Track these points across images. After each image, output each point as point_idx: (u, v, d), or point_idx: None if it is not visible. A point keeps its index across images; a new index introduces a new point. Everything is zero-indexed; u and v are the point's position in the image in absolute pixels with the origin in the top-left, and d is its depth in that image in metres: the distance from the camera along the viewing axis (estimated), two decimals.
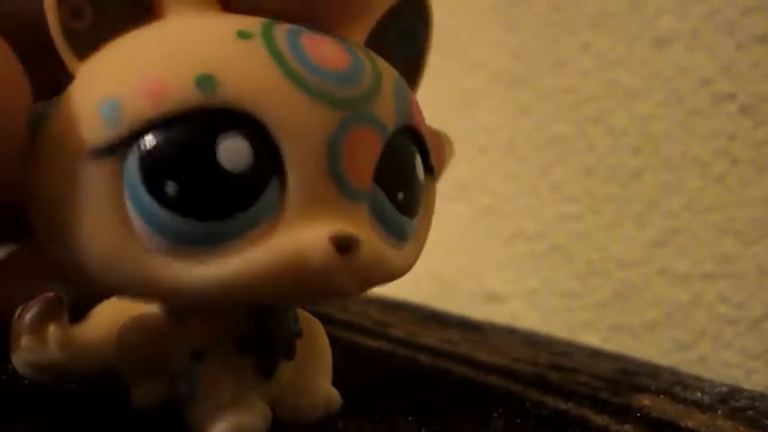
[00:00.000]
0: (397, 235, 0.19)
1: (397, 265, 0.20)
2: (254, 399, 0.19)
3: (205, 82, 0.16)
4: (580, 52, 0.45)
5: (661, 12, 0.41)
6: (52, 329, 0.24)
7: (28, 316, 0.24)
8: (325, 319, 0.23)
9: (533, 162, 0.47)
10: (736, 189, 0.39)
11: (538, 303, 0.47)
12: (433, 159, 0.21)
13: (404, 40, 0.22)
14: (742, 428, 0.22)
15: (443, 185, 0.22)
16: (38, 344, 0.24)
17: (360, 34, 0.20)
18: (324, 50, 0.18)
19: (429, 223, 0.21)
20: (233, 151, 0.16)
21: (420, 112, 0.20)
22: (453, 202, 0.50)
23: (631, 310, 0.42)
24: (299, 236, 0.17)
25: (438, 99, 0.52)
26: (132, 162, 0.16)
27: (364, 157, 0.18)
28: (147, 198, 0.16)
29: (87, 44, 0.17)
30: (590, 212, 0.44)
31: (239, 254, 0.17)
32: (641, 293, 0.42)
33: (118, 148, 0.16)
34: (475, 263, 0.50)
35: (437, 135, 0.23)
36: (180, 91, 0.16)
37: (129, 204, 0.17)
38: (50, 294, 0.24)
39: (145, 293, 0.18)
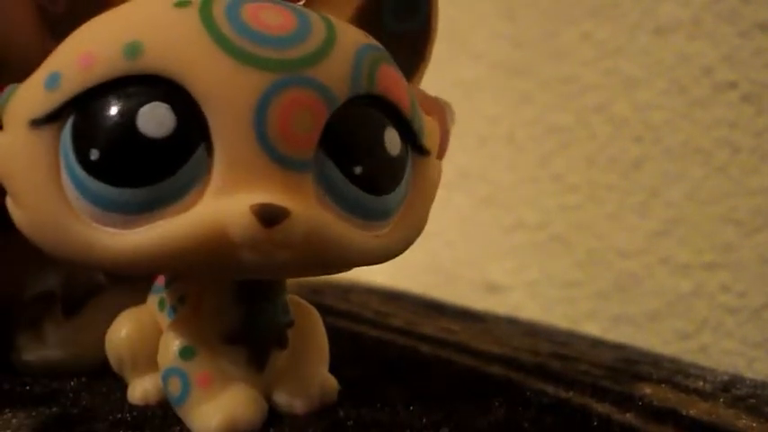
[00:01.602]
0: (360, 213, 0.19)
1: (364, 246, 0.19)
2: (248, 390, 0.19)
3: (131, 49, 0.17)
4: (580, 41, 0.45)
5: (661, 0, 0.41)
6: (48, 327, 0.24)
7: (24, 315, 0.24)
8: (326, 309, 0.23)
9: (534, 152, 0.47)
10: (737, 178, 0.39)
11: (539, 293, 0.47)
12: (426, 138, 0.20)
13: (403, 12, 0.21)
14: (743, 416, 0.22)
15: (444, 175, 0.22)
16: (35, 342, 0.24)
17: (343, 8, 0.20)
18: (265, 16, 0.17)
19: (423, 205, 0.21)
20: (153, 118, 0.16)
21: (399, 86, 0.19)
22: (453, 192, 0.50)
23: (633, 300, 0.42)
24: (221, 206, 0.17)
25: (438, 89, 0.51)
26: (66, 130, 0.17)
27: (301, 122, 0.17)
28: (76, 165, 0.17)
29: (64, 27, 0.18)
30: (591, 202, 0.44)
31: (162, 223, 0.17)
32: (642, 283, 0.42)
33: (56, 117, 0.17)
34: (475, 253, 0.50)
35: (434, 102, 0.22)
36: (108, 60, 0.17)
37: (63, 171, 0.17)
38: (44, 291, 0.24)
39: (79, 260, 0.18)
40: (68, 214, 0.17)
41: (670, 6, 0.41)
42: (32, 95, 0.17)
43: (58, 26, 0.18)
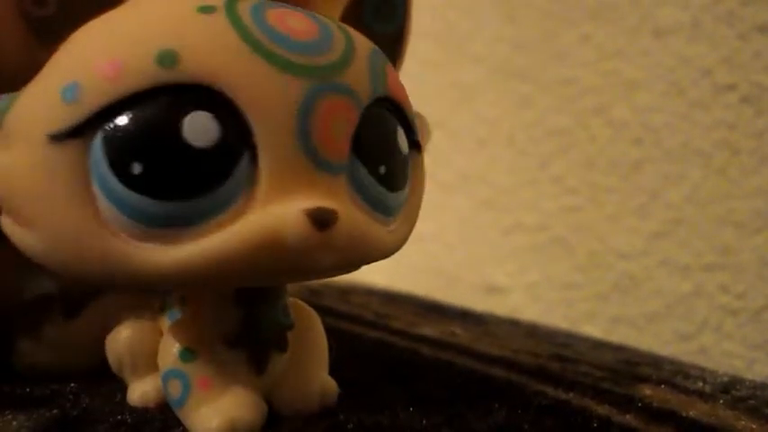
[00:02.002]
0: (382, 210, 0.19)
1: (384, 242, 0.19)
2: (248, 393, 0.19)
3: (165, 57, 0.16)
4: (580, 44, 0.45)
5: (661, 2, 0.41)
6: (48, 329, 0.24)
7: (23, 317, 0.24)
8: (326, 311, 0.23)
9: (534, 154, 0.47)
10: (737, 180, 0.39)
11: (539, 295, 0.47)
12: (419, 136, 0.21)
13: (382, 15, 0.21)
14: (743, 418, 0.22)
15: (444, 177, 0.22)
16: (34, 343, 0.24)
17: (334, 10, 0.20)
18: (290, 22, 0.17)
19: (419, 200, 0.21)
20: (199, 127, 0.16)
21: (400, 86, 0.20)
22: (454, 195, 0.50)
23: (633, 302, 0.42)
24: (274, 213, 0.16)
25: (438, 92, 0.52)
26: (96, 144, 0.16)
27: (338, 127, 0.17)
28: (113, 180, 0.16)
29: (53, 32, 0.17)
30: (591, 204, 0.44)
31: (212, 234, 0.16)
32: (642, 285, 0.42)
33: (81, 131, 0.16)
34: (476, 255, 0.50)
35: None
36: (140, 68, 0.16)
37: (95, 187, 0.16)
38: (43, 295, 0.24)
39: (113, 278, 0.17)
40: (102, 232, 0.16)
41: (669, 9, 0.41)
42: (46, 108, 0.16)
43: (47, 31, 0.17)
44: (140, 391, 0.21)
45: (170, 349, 0.19)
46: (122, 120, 0.16)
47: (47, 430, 0.19)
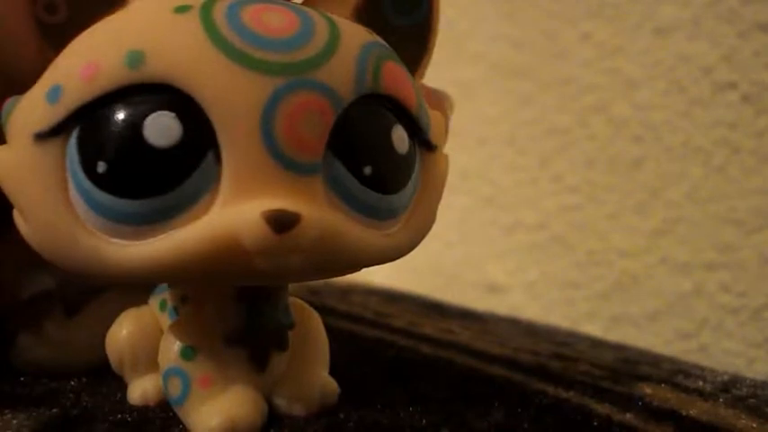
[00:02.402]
0: (370, 212, 0.18)
1: (373, 246, 0.19)
2: (248, 392, 0.19)
3: (133, 58, 0.16)
4: (580, 42, 0.45)
5: (661, 0, 0.41)
6: (48, 326, 0.24)
7: (24, 315, 0.24)
8: (327, 310, 0.23)
9: (534, 153, 0.47)
10: (737, 178, 0.39)
11: (539, 294, 0.47)
12: (432, 132, 0.20)
13: (402, 7, 0.21)
14: (744, 416, 0.22)
15: None
16: (35, 340, 0.24)
17: (344, 3, 0.20)
18: (266, 18, 0.17)
19: (432, 201, 0.21)
20: (160, 127, 0.16)
21: (404, 82, 0.19)
22: (454, 194, 0.50)
23: (633, 300, 0.42)
24: (231, 214, 0.16)
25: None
26: (72, 143, 0.17)
27: (308, 126, 0.17)
28: (83, 178, 0.17)
29: (63, 37, 0.17)
30: (591, 202, 0.44)
31: (173, 233, 0.17)
32: (642, 283, 0.42)
33: (60, 130, 0.17)
34: (476, 254, 0.50)
35: (433, 93, 0.22)
36: (111, 70, 0.16)
37: (70, 185, 0.17)
38: (43, 291, 0.24)
39: (89, 272, 0.18)
40: (77, 228, 0.17)
41: (670, 7, 0.41)
42: (35, 109, 0.17)
43: (58, 36, 0.17)
44: (141, 389, 0.21)
45: (171, 347, 0.19)
46: (93, 120, 0.17)
47: (47, 429, 0.19)
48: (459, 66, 0.50)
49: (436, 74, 0.23)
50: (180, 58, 0.16)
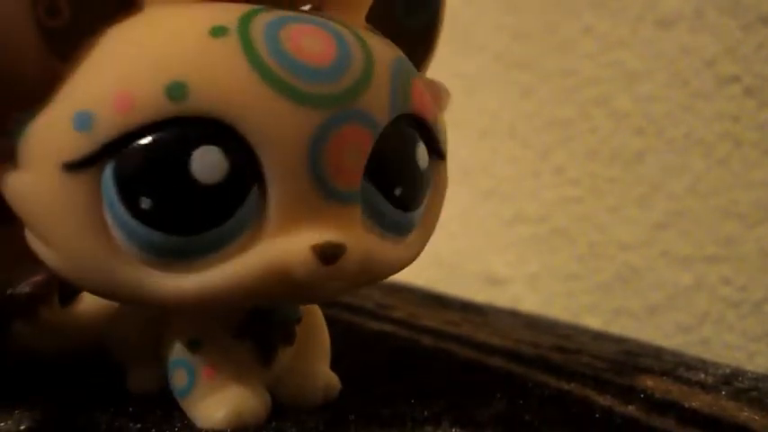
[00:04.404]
0: (397, 230, 0.19)
1: (396, 259, 0.19)
2: (253, 385, 0.19)
3: (175, 90, 0.16)
4: (582, 34, 0.44)
5: None
6: (44, 313, 0.24)
7: (19, 304, 0.24)
8: (327, 302, 0.23)
9: (535, 145, 0.47)
10: (739, 171, 0.38)
11: (540, 286, 0.47)
12: (442, 143, 0.20)
13: (414, 8, 0.21)
14: (745, 409, 0.22)
15: None
16: (30, 328, 0.24)
17: (359, 8, 0.19)
18: (306, 43, 0.17)
19: (439, 207, 0.21)
20: (207, 162, 0.16)
21: (424, 96, 0.19)
22: (455, 186, 0.50)
23: (634, 293, 0.42)
24: (280, 247, 0.16)
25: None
26: (108, 175, 0.16)
27: (351, 156, 0.17)
28: (123, 211, 0.16)
29: (67, 42, 0.16)
30: (592, 195, 0.44)
31: (219, 266, 0.17)
32: (644, 276, 0.42)
33: (93, 161, 0.16)
34: (477, 246, 0.50)
35: (430, 86, 0.22)
36: (150, 101, 0.16)
37: (107, 216, 0.16)
38: (40, 278, 0.24)
39: (127, 301, 0.18)
40: (115, 258, 0.16)
41: None
42: (60, 135, 0.16)
43: (61, 41, 0.16)
44: (140, 378, 0.21)
45: (177, 339, 0.19)
46: (131, 152, 0.16)
47: (48, 418, 0.19)
48: (460, 58, 0.50)
49: (438, 66, 0.23)
50: (225, 91, 0.16)
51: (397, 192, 0.18)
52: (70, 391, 0.21)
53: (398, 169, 0.19)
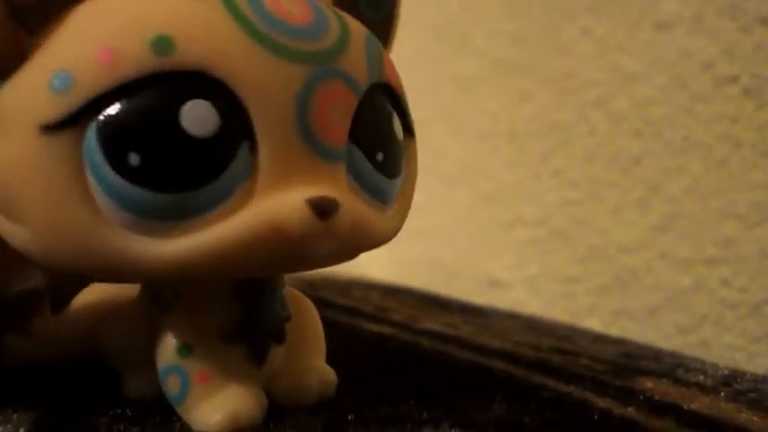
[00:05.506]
0: (380, 197, 0.19)
1: (382, 229, 0.19)
2: (248, 386, 0.19)
3: (161, 44, 0.16)
4: (580, 37, 0.44)
5: None
6: (36, 324, 0.24)
7: (11, 312, 0.24)
8: (327, 304, 0.23)
9: (534, 148, 0.47)
10: (738, 173, 0.38)
11: (539, 289, 0.47)
12: (411, 121, 0.21)
13: (375, 2, 0.21)
14: (744, 410, 0.22)
15: (444, 171, 0.22)
16: (23, 340, 0.24)
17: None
18: (286, 6, 0.17)
19: (413, 185, 0.21)
20: (198, 116, 0.16)
21: (395, 72, 0.20)
22: (454, 189, 0.50)
23: (633, 295, 0.42)
24: (276, 203, 0.16)
25: (438, 86, 0.51)
26: (91, 135, 0.16)
27: (336, 114, 0.17)
28: (109, 172, 0.16)
29: (37, 17, 0.16)
30: (591, 198, 0.44)
31: (213, 226, 0.16)
32: (643, 278, 0.42)
33: (74, 121, 0.16)
34: (476, 249, 0.50)
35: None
36: (135, 56, 0.15)
37: (90, 179, 0.16)
38: (30, 288, 0.24)
39: (112, 272, 0.17)
40: (99, 225, 0.16)
41: (670, 1, 0.41)
42: (36, 97, 0.16)
43: (30, 17, 0.16)
44: (136, 383, 0.21)
45: (167, 345, 0.19)
46: (118, 109, 0.16)
47: (47, 423, 0.19)
48: (459, 61, 0.50)
49: (437, 69, 0.23)
50: (211, 45, 0.16)
51: (379, 157, 0.19)
52: (69, 395, 0.21)
53: (380, 134, 0.19)
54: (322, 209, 0.16)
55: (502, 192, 0.49)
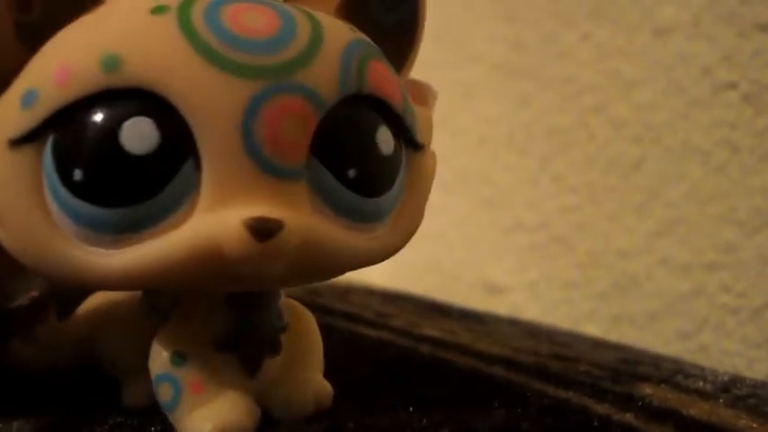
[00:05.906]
0: (355, 216, 0.18)
1: (360, 249, 0.18)
2: (240, 397, 0.19)
3: (109, 62, 0.16)
4: (580, 42, 0.45)
5: (661, 0, 0.41)
6: (41, 331, 0.24)
7: (16, 319, 0.24)
8: (326, 310, 0.23)
9: (533, 153, 0.47)
10: (737, 178, 0.39)
11: (539, 295, 0.47)
12: (418, 131, 0.20)
13: (390, 3, 0.20)
14: (744, 416, 0.22)
15: (443, 177, 0.21)
16: (29, 346, 0.24)
17: (328, 3, 0.19)
18: (246, 19, 0.17)
19: (420, 200, 0.20)
20: (136, 133, 0.16)
21: (389, 81, 0.19)
22: (453, 194, 0.50)
23: (633, 301, 0.42)
24: (210, 222, 0.16)
25: (437, 90, 0.52)
26: (47, 151, 0.16)
27: (291, 129, 0.17)
28: (60, 187, 0.16)
29: (37, 37, 0.17)
30: (590, 203, 0.44)
31: (152, 241, 0.16)
32: (642, 284, 0.42)
33: (35, 136, 0.16)
34: (475, 254, 0.50)
35: (414, 84, 0.22)
36: (85, 74, 0.16)
37: (47, 193, 0.16)
38: (36, 294, 0.24)
39: (72, 281, 0.18)
40: (54, 236, 0.17)
41: (669, 7, 0.41)
42: (8, 114, 0.17)
43: (32, 36, 0.17)
44: (134, 391, 0.21)
45: (160, 354, 0.19)
46: (68, 125, 0.16)
47: (47, 430, 0.19)
48: (459, 66, 0.50)
49: (436, 74, 0.23)
50: (157, 63, 0.16)
51: (351, 173, 0.18)
52: (69, 403, 0.21)
53: (351, 149, 0.18)
54: (261, 230, 0.16)
55: (501, 197, 0.49)
